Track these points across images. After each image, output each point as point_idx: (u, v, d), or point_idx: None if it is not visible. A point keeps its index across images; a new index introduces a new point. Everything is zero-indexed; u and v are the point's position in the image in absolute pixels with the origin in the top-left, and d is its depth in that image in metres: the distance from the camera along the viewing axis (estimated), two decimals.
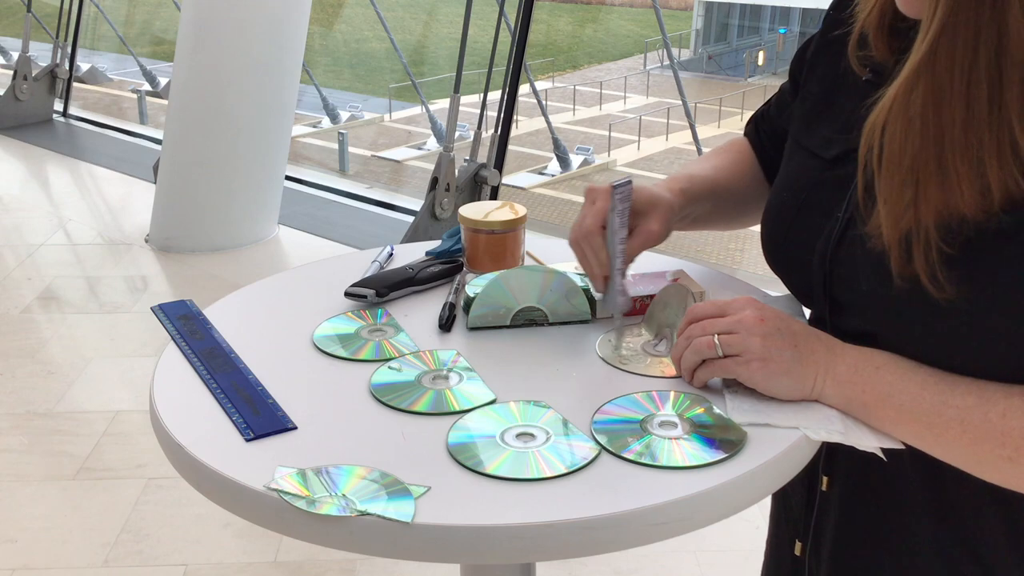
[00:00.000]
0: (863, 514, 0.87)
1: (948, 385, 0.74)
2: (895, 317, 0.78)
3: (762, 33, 32.12)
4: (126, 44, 21.59)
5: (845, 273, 0.82)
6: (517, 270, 1.01)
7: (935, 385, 0.75)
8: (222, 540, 2.34)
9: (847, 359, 0.79)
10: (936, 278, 0.72)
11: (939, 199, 0.71)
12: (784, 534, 0.98)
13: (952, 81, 0.69)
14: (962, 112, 0.69)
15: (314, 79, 20.22)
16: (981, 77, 0.68)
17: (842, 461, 0.87)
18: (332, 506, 0.70)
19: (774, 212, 0.92)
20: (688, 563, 2.26)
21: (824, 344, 0.80)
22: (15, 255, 4.30)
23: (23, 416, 2.92)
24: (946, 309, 0.73)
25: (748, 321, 0.80)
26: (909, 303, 0.75)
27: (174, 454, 0.80)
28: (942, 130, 0.70)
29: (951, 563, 0.82)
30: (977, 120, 0.69)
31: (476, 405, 0.85)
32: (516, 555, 0.71)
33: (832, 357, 0.79)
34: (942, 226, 0.72)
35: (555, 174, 19.41)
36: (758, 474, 0.75)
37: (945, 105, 0.69)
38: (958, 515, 0.81)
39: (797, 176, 0.90)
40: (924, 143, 0.71)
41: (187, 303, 1.07)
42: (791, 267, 0.89)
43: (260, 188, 4.45)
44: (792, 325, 0.81)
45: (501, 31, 4.57)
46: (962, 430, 0.73)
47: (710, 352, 0.82)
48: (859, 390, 0.78)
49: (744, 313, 0.81)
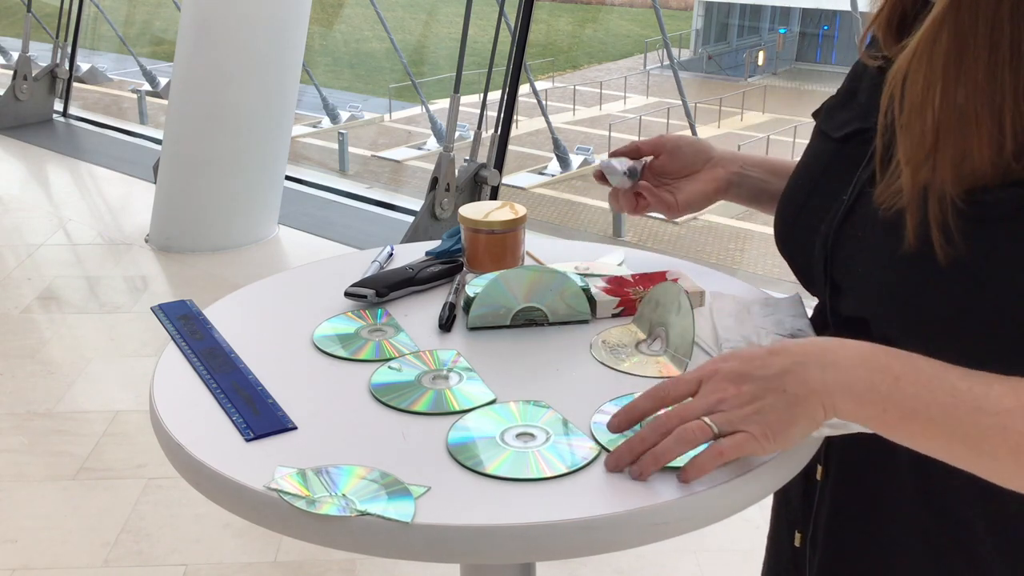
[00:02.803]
0: (855, 503, 0.88)
1: (983, 388, 0.67)
2: (889, 301, 0.77)
3: (762, 33, 32.12)
4: (126, 44, 21.60)
5: (844, 255, 0.82)
6: (517, 270, 1.01)
7: (968, 392, 0.68)
8: (222, 540, 2.34)
9: (857, 373, 0.71)
10: (948, 228, 0.71)
11: (957, 150, 0.71)
12: (783, 525, 0.99)
13: (976, 25, 0.69)
14: (985, 55, 0.69)
15: (314, 79, 20.23)
16: (1004, 19, 0.68)
17: (835, 450, 0.87)
18: (332, 506, 0.70)
19: (788, 194, 0.93)
20: (688, 563, 2.26)
21: (817, 361, 0.72)
22: (15, 255, 4.30)
23: (23, 416, 2.92)
24: (945, 285, 0.73)
25: (728, 392, 0.73)
26: (905, 281, 0.75)
27: (174, 454, 0.80)
28: (965, 74, 0.70)
29: (939, 553, 0.83)
30: (1000, 63, 0.69)
31: (476, 405, 0.85)
32: (516, 555, 0.71)
33: (835, 375, 0.71)
34: (958, 181, 0.72)
35: (555, 174, 19.41)
36: (758, 474, 0.75)
37: (969, 48, 0.70)
38: (945, 505, 0.81)
39: (812, 160, 0.92)
40: (946, 89, 0.71)
41: (187, 303, 1.07)
42: (796, 249, 0.90)
43: (260, 188, 4.45)
44: (769, 364, 0.73)
45: (501, 31, 4.57)
46: (1003, 439, 0.66)
47: (704, 436, 0.72)
48: (879, 409, 0.70)
49: (717, 383, 0.73)
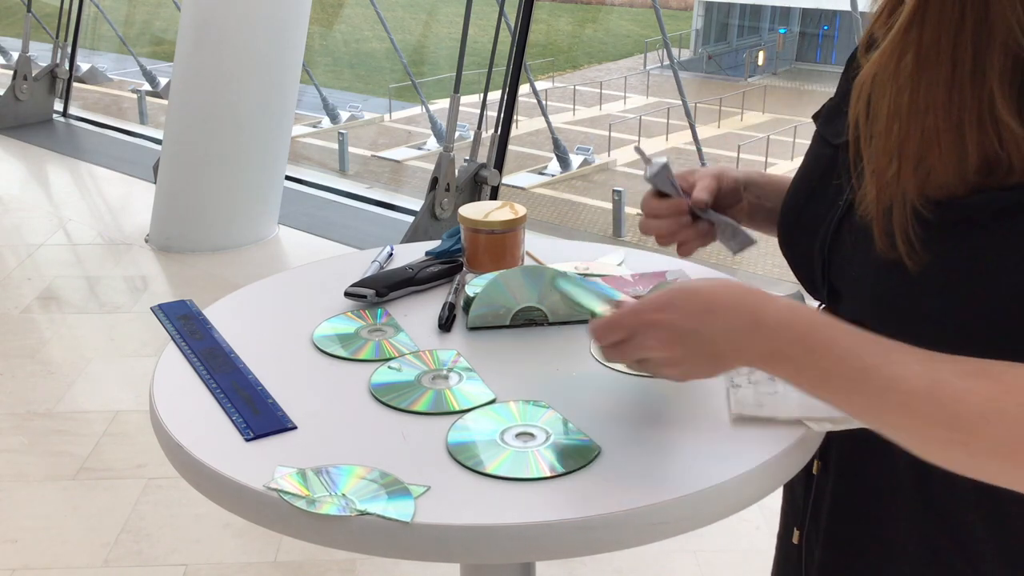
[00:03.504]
0: (854, 501, 0.88)
1: (896, 368, 0.70)
2: (878, 303, 0.78)
3: (762, 33, 32.12)
4: (126, 44, 21.58)
5: (840, 260, 0.83)
6: (517, 270, 1.01)
7: (876, 371, 0.70)
8: (222, 540, 2.34)
9: (778, 342, 0.73)
10: (911, 241, 0.73)
11: (920, 162, 0.72)
12: (787, 523, 0.99)
13: (939, 42, 0.70)
14: (947, 72, 0.70)
15: (314, 79, 20.22)
16: (967, 37, 0.69)
17: (834, 447, 0.87)
18: (332, 506, 0.70)
19: (790, 200, 0.93)
20: (688, 563, 2.26)
21: (747, 326, 0.75)
22: (15, 255, 4.30)
23: (23, 416, 2.92)
24: (923, 291, 0.74)
25: (656, 353, 0.77)
26: (890, 279, 0.76)
27: (174, 454, 0.80)
28: (927, 90, 0.71)
29: (936, 552, 0.83)
30: (960, 81, 0.70)
31: (476, 405, 0.85)
32: (516, 555, 0.71)
33: (760, 341, 0.74)
34: (923, 193, 0.73)
35: (555, 174, 19.41)
36: (758, 474, 0.75)
37: (931, 65, 0.71)
38: (944, 505, 0.81)
39: (812, 164, 0.92)
40: (910, 104, 0.72)
41: (187, 303, 1.07)
42: (798, 254, 0.91)
43: (260, 188, 4.45)
44: (704, 325, 0.75)
45: (501, 31, 4.57)
46: (909, 419, 0.69)
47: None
48: (793, 374, 0.73)
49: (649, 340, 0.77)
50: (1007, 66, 0.69)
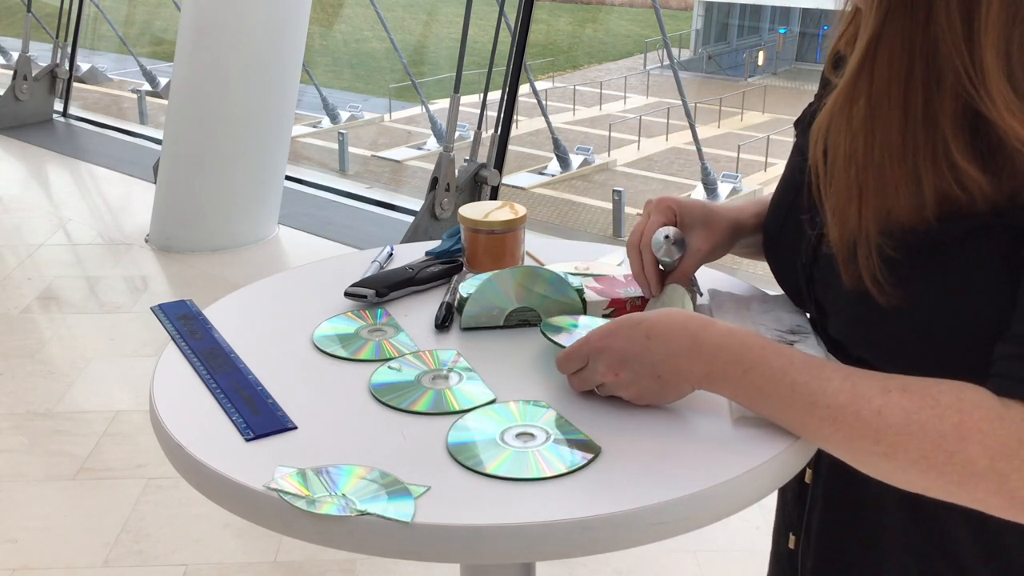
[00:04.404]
0: (844, 507, 0.89)
1: (821, 383, 0.73)
2: (855, 322, 0.80)
3: (762, 33, 32.12)
4: (126, 44, 21.59)
5: (821, 277, 0.84)
6: (510, 270, 1.01)
7: (805, 387, 0.74)
8: (222, 540, 2.34)
9: (715, 364, 0.78)
10: (879, 282, 0.74)
11: (879, 204, 0.73)
12: (780, 527, 0.99)
13: (890, 87, 0.71)
14: (899, 116, 0.71)
15: (314, 79, 20.23)
16: (917, 83, 0.70)
17: (825, 457, 0.87)
18: (332, 506, 0.70)
19: (772, 212, 0.94)
20: (688, 563, 2.26)
21: (686, 351, 0.79)
22: (15, 255, 4.30)
23: (23, 416, 2.92)
24: (896, 319, 0.74)
25: (608, 377, 0.82)
26: (863, 307, 0.76)
27: (174, 454, 0.80)
28: (880, 134, 0.71)
29: (924, 560, 0.83)
30: (913, 126, 0.70)
31: (476, 405, 0.85)
32: (516, 555, 0.71)
33: (699, 364, 0.78)
34: (884, 232, 0.73)
35: (555, 174, 19.42)
36: (758, 474, 0.75)
37: (883, 108, 0.71)
38: (930, 513, 0.82)
39: (790, 179, 0.92)
40: (865, 149, 0.72)
41: (187, 303, 1.07)
42: (782, 267, 0.91)
43: (260, 188, 4.45)
44: (647, 351, 0.79)
45: (501, 31, 4.57)
46: (835, 430, 0.73)
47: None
48: (733, 393, 0.78)
49: (601, 367, 0.81)
50: (958, 111, 0.70)
